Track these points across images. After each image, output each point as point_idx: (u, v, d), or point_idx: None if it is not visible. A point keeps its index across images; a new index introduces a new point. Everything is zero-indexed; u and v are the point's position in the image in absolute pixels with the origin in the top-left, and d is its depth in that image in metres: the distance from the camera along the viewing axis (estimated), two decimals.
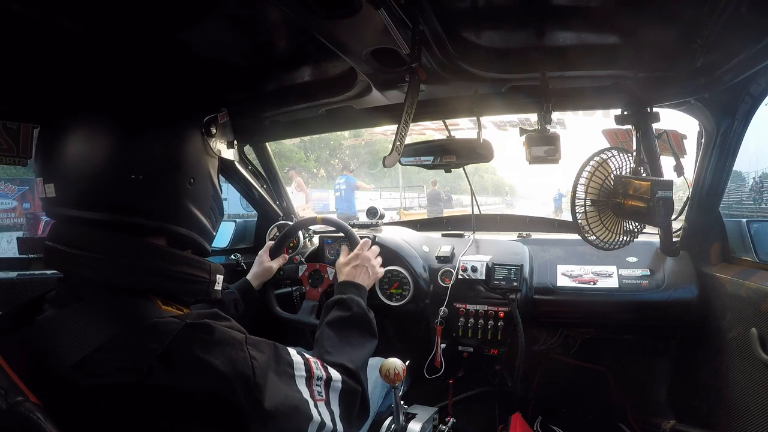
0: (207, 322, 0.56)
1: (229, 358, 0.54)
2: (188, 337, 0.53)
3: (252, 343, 0.59)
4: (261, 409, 0.55)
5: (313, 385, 0.68)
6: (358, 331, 0.91)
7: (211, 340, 0.54)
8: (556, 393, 1.73)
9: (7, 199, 9.80)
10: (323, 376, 0.70)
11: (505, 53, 0.98)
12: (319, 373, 0.70)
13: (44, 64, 0.85)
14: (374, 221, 1.68)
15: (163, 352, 0.51)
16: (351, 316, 0.93)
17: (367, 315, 0.96)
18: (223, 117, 0.70)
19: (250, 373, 0.55)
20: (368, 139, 18.77)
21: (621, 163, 1.14)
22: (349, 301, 0.95)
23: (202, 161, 0.65)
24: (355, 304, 0.95)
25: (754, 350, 1.05)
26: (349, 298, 0.96)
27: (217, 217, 0.71)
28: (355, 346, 0.86)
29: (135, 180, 0.56)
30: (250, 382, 0.55)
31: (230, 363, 0.54)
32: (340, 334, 0.87)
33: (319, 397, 0.68)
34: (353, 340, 0.87)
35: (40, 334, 0.53)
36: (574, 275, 1.45)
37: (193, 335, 0.53)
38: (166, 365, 0.50)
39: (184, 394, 0.51)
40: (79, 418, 0.49)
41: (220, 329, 0.56)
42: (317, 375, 0.69)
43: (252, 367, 0.56)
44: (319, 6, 0.69)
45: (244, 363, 0.55)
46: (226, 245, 1.83)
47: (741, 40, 0.83)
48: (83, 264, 0.56)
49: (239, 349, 0.56)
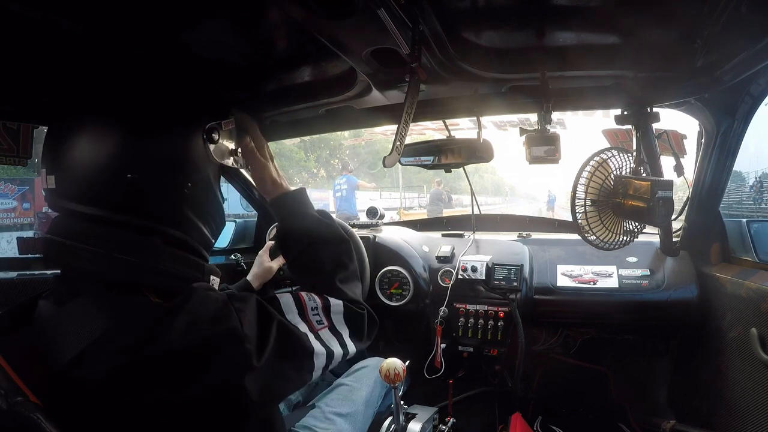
0: (190, 289, 0.57)
1: (215, 315, 0.55)
2: (176, 308, 0.54)
3: (237, 298, 0.60)
4: (252, 360, 0.55)
5: (309, 315, 0.67)
6: (330, 253, 0.79)
7: (196, 302, 0.55)
8: (556, 393, 1.73)
9: (7, 199, 9.79)
10: (319, 304, 0.69)
11: (505, 53, 0.98)
12: (313, 303, 0.68)
13: (44, 64, 0.85)
14: (374, 221, 1.68)
15: (151, 330, 0.52)
16: (314, 240, 0.79)
17: (329, 226, 0.80)
18: (228, 124, 0.69)
19: (237, 326, 0.56)
20: (368, 139, 18.79)
21: (621, 163, 1.14)
22: (302, 228, 0.79)
23: (201, 166, 0.64)
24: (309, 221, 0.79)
25: (754, 350, 1.05)
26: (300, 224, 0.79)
27: (217, 225, 0.70)
28: (337, 271, 0.77)
29: (131, 179, 0.57)
30: (238, 334, 0.55)
31: (216, 320, 0.55)
32: (314, 266, 0.77)
33: (319, 325, 0.67)
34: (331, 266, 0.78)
35: (40, 333, 0.54)
36: (574, 275, 1.45)
37: (180, 305, 0.55)
38: (155, 339, 0.51)
39: (177, 358, 0.52)
40: (78, 416, 0.50)
41: (203, 291, 0.57)
42: (311, 305, 0.68)
43: (239, 319, 0.57)
44: (319, 6, 0.69)
45: (230, 317, 0.56)
46: (226, 245, 1.83)
47: (741, 40, 0.83)
48: (81, 257, 0.56)
49: (224, 305, 0.57)
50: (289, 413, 1.07)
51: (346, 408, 1.02)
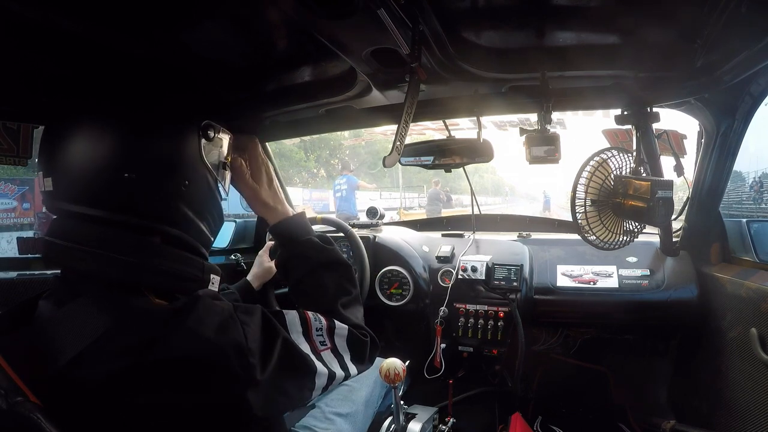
0: (195, 296, 0.56)
1: (220, 326, 0.55)
2: (179, 314, 0.54)
3: (243, 310, 0.60)
4: (255, 374, 0.55)
5: (313, 335, 0.67)
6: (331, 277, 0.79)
7: (201, 311, 0.55)
8: (556, 393, 1.73)
9: (7, 199, 9.79)
10: (324, 325, 0.69)
11: (505, 53, 0.98)
12: (318, 324, 0.69)
13: (44, 64, 0.86)
14: (374, 221, 1.68)
15: (154, 333, 0.51)
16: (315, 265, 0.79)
17: (331, 251, 0.80)
18: (222, 131, 0.68)
19: (242, 339, 0.56)
20: (368, 139, 18.79)
21: (621, 163, 1.14)
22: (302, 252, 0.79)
23: (198, 164, 0.64)
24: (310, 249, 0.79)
25: (754, 350, 1.05)
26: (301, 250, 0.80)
27: (216, 223, 0.70)
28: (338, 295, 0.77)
29: (128, 179, 0.57)
30: (242, 348, 0.55)
31: (221, 331, 0.54)
32: (317, 291, 0.77)
33: (322, 346, 0.67)
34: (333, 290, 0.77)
35: (40, 333, 0.54)
36: (574, 275, 1.45)
37: (184, 312, 0.54)
38: (158, 343, 0.51)
39: (178, 367, 0.51)
40: (78, 416, 0.50)
41: (208, 301, 0.57)
42: (316, 326, 0.68)
43: (244, 332, 0.56)
44: (319, 6, 0.69)
45: (235, 329, 0.56)
46: (226, 245, 1.83)
47: (741, 40, 0.83)
48: (79, 258, 0.56)
49: (229, 316, 0.57)
50: (289, 413, 1.07)
51: (346, 408, 1.02)
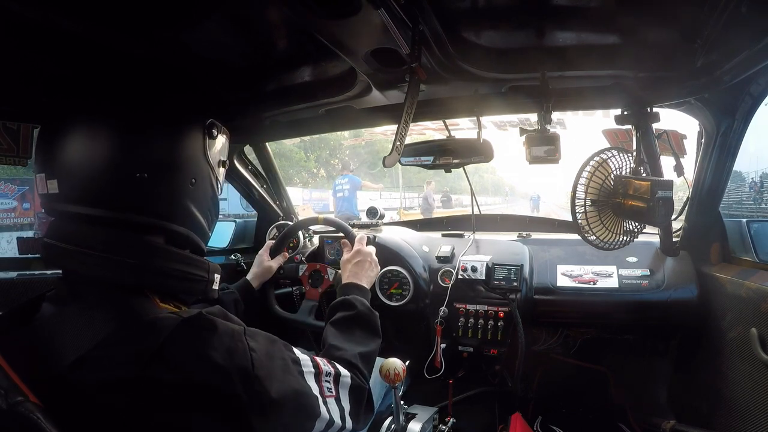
0: (203, 315, 0.56)
1: (227, 350, 0.54)
2: (185, 331, 0.53)
3: (251, 335, 0.59)
4: (261, 401, 0.55)
5: (323, 381, 0.68)
6: (362, 330, 0.92)
7: (208, 332, 0.54)
8: (556, 393, 1.73)
9: (7, 199, 9.79)
10: (332, 372, 0.71)
11: (505, 53, 0.98)
12: (328, 369, 0.70)
13: (44, 64, 0.86)
14: (374, 221, 1.68)
15: (160, 346, 0.51)
16: (355, 314, 0.94)
17: (371, 314, 0.97)
18: (223, 131, 0.71)
19: (248, 365, 0.55)
20: (368, 139, 18.77)
21: (621, 163, 1.14)
22: (353, 300, 0.97)
23: (202, 162, 0.66)
24: (359, 302, 0.97)
25: (754, 350, 1.05)
26: (353, 298, 0.98)
27: (214, 218, 0.72)
28: (360, 344, 0.86)
29: (140, 178, 0.57)
30: (249, 374, 0.55)
31: (228, 355, 0.54)
32: (344, 332, 0.89)
33: (329, 393, 0.68)
34: (357, 338, 0.89)
35: (40, 333, 0.53)
36: (574, 275, 1.45)
37: (190, 329, 0.53)
38: (164, 359, 0.50)
39: (183, 387, 0.51)
40: (78, 418, 0.49)
41: (218, 321, 0.56)
42: (326, 371, 0.69)
43: (251, 359, 0.56)
44: (319, 6, 0.69)
45: (242, 355, 0.55)
46: (226, 245, 1.83)
47: (741, 40, 0.83)
48: (81, 261, 0.56)
49: (238, 340, 0.56)
50: None
51: None
